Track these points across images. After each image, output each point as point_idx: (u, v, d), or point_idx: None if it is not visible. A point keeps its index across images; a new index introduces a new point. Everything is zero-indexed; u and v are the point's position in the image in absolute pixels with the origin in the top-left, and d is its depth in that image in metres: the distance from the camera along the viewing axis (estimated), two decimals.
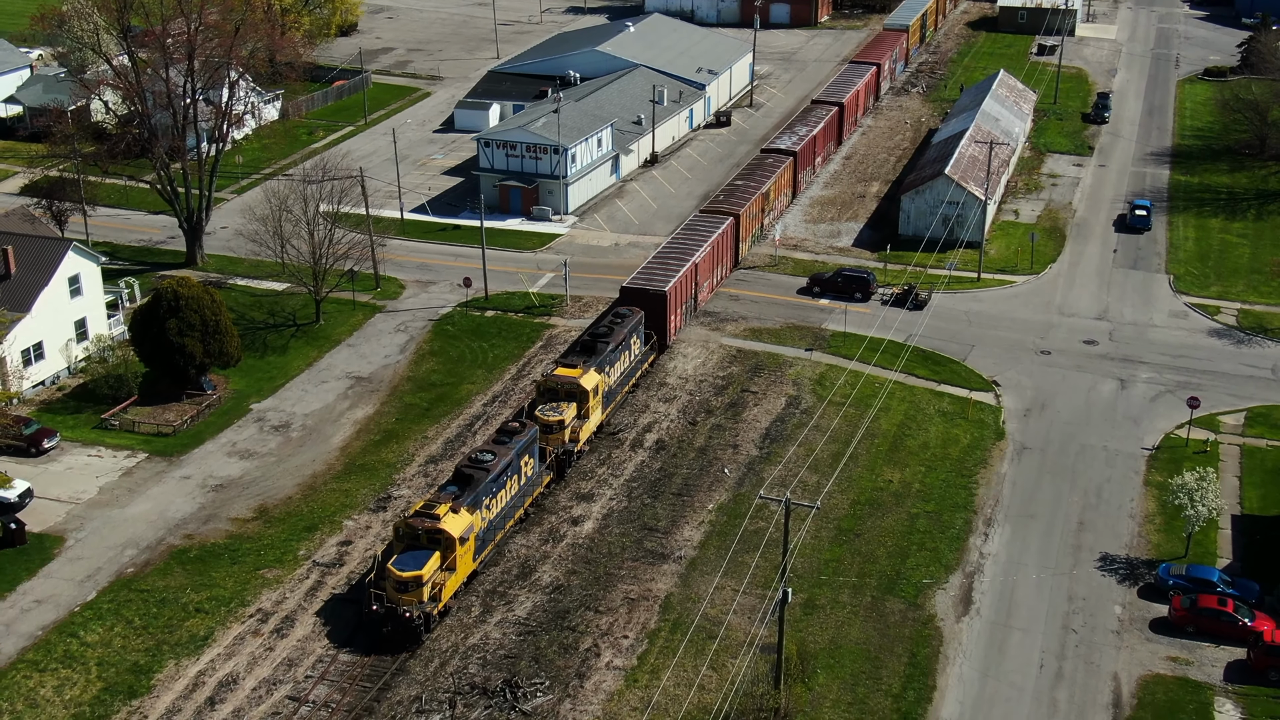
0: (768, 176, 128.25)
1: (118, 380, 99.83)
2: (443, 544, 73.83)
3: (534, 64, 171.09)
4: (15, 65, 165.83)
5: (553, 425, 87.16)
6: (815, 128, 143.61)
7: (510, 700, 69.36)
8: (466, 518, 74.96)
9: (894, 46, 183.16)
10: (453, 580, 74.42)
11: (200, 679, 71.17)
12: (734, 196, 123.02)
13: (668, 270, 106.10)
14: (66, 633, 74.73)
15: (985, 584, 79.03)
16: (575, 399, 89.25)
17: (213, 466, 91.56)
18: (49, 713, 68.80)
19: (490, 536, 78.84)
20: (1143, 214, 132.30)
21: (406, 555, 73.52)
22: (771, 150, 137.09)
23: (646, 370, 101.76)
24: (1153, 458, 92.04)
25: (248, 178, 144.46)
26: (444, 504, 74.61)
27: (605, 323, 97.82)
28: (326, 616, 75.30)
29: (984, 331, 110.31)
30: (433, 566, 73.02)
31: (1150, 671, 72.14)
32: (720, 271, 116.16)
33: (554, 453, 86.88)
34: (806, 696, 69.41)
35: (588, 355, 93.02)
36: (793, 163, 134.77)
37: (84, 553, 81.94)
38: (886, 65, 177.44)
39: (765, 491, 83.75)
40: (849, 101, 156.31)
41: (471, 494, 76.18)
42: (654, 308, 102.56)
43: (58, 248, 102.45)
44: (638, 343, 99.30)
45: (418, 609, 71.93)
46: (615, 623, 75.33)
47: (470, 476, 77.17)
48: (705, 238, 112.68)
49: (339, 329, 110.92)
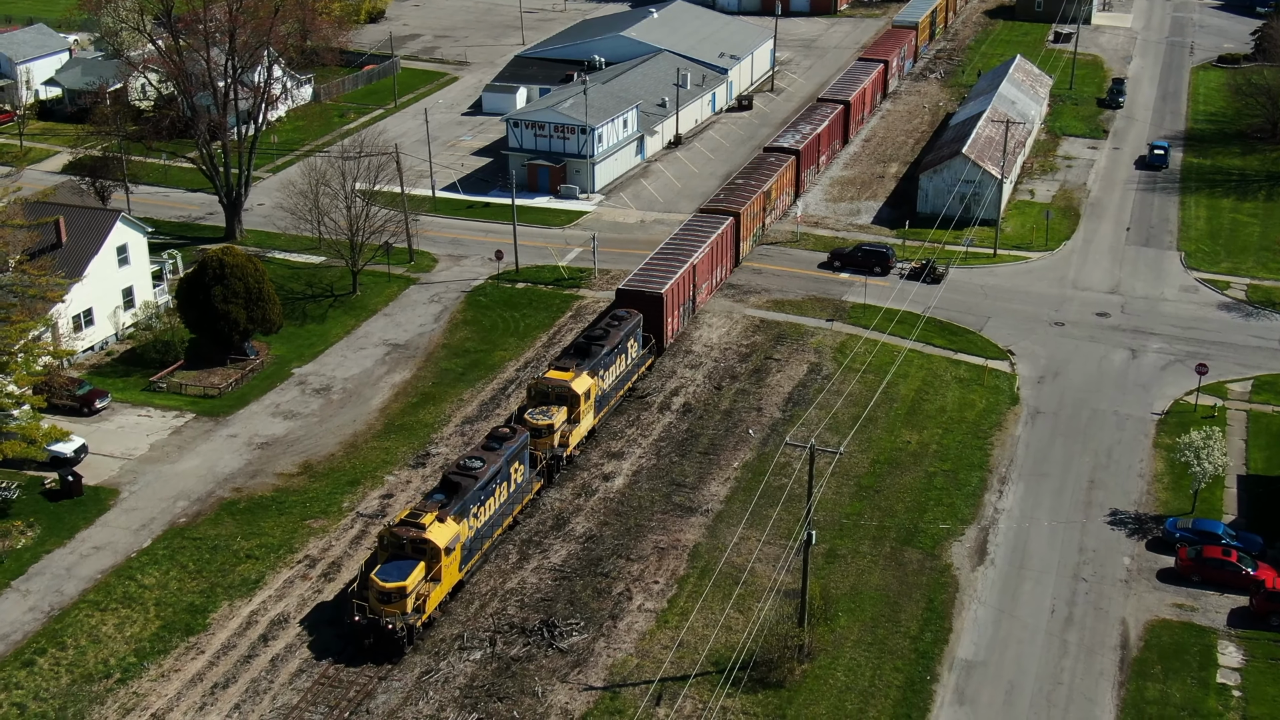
0: (769, 175, 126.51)
1: (165, 345, 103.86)
2: (428, 554, 71.79)
3: (559, 49, 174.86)
4: (54, 49, 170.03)
5: (541, 429, 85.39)
6: (819, 126, 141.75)
7: (548, 638, 73.10)
8: (453, 527, 73.15)
9: (903, 43, 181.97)
10: (438, 591, 72.51)
11: (253, 618, 75.05)
12: (734, 195, 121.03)
13: (665, 271, 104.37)
14: (125, 576, 78.65)
15: (999, 536, 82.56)
16: (566, 403, 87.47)
17: (258, 426, 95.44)
18: (111, 648, 72.72)
19: (477, 546, 76.97)
20: (1160, 153, 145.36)
21: (390, 565, 71.60)
22: (774, 149, 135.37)
23: (644, 373, 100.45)
24: (1162, 422, 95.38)
25: (283, 157, 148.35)
26: (430, 513, 72.73)
27: (601, 325, 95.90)
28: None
29: (1000, 304, 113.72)
30: (417, 577, 71.13)
31: (1157, 616, 75.58)
32: (720, 272, 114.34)
33: (543, 458, 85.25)
34: (829, 636, 73.04)
35: (581, 358, 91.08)
36: (795, 161, 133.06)
37: (138, 504, 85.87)
38: (895, 62, 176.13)
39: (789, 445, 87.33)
40: (855, 99, 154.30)
41: (459, 502, 74.20)
42: (651, 310, 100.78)
43: (107, 218, 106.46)
44: (635, 345, 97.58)
45: (401, 620, 70.19)
46: (646, 569, 79.06)
47: (457, 484, 75.32)
48: (704, 238, 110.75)
49: (375, 299, 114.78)
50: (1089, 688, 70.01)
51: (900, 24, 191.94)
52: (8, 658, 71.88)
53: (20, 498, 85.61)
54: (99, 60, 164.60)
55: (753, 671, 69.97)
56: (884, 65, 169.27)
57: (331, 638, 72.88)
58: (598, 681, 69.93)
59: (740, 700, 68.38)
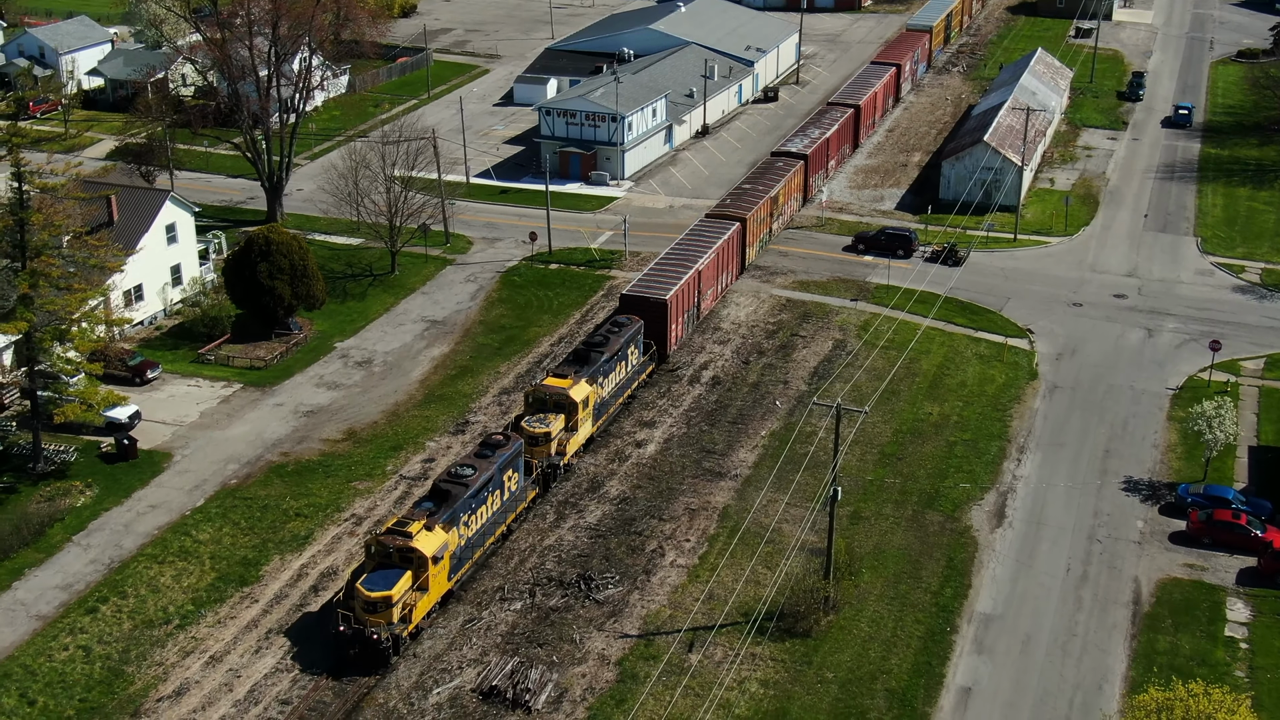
0: (777, 180, 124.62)
1: (212, 321, 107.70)
2: (415, 563, 70.43)
3: (589, 41, 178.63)
4: (97, 40, 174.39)
5: (538, 437, 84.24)
6: (829, 130, 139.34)
7: (584, 591, 76.67)
8: (441, 536, 71.87)
9: (916, 47, 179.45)
10: (425, 601, 71.38)
11: (304, 570, 78.82)
12: (741, 200, 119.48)
13: (669, 278, 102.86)
14: (180, 532, 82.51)
15: (1018, 500, 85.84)
16: (564, 410, 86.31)
17: (303, 396, 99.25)
18: (169, 596, 76.55)
19: (468, 555, 75.71)
20: (1184, 112, 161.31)
21: (377, 574, 70.31)
22: (782, 153, 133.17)
23: (645, 380, 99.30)
24: (1176, 396, 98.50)
25: (320, 145, 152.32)
26: (418, 521, 71.30)
27: (601, 332, 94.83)
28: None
29: (1019, 286, 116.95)
30: (403, 586, 69.80)
31: (1168, 575, 78.79)
32: (725, 279, 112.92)
33: (539, 466, 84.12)
34: (853, 591, 76.46)
35: (580, 365, 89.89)
36: (804, 166, 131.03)
37: (190, 466, 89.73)
38: (907, 66, 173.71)
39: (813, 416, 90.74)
40: (865, 104, 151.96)
41: (448, 510, 72.92)
42: (654, 317, 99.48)
43: (157, 197, 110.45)
44: (635, 353, 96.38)
45: (386, 630, 69.18)
46: (678, 529, 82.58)
47: (447, 492, 74.11)
48: (710, 244, 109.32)
49: (413, 279, 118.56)
50: (1102, 639, 73.23)
51: (914, 27, 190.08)
52: (72, 605, 75.72)
53: (78, 460, 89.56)
54: (140, 51, 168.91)
55: (780, 622, 73.34)
56: (896, 69, 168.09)
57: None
58: (632, 630, 73.43)
59: (768, 648, 71.81)
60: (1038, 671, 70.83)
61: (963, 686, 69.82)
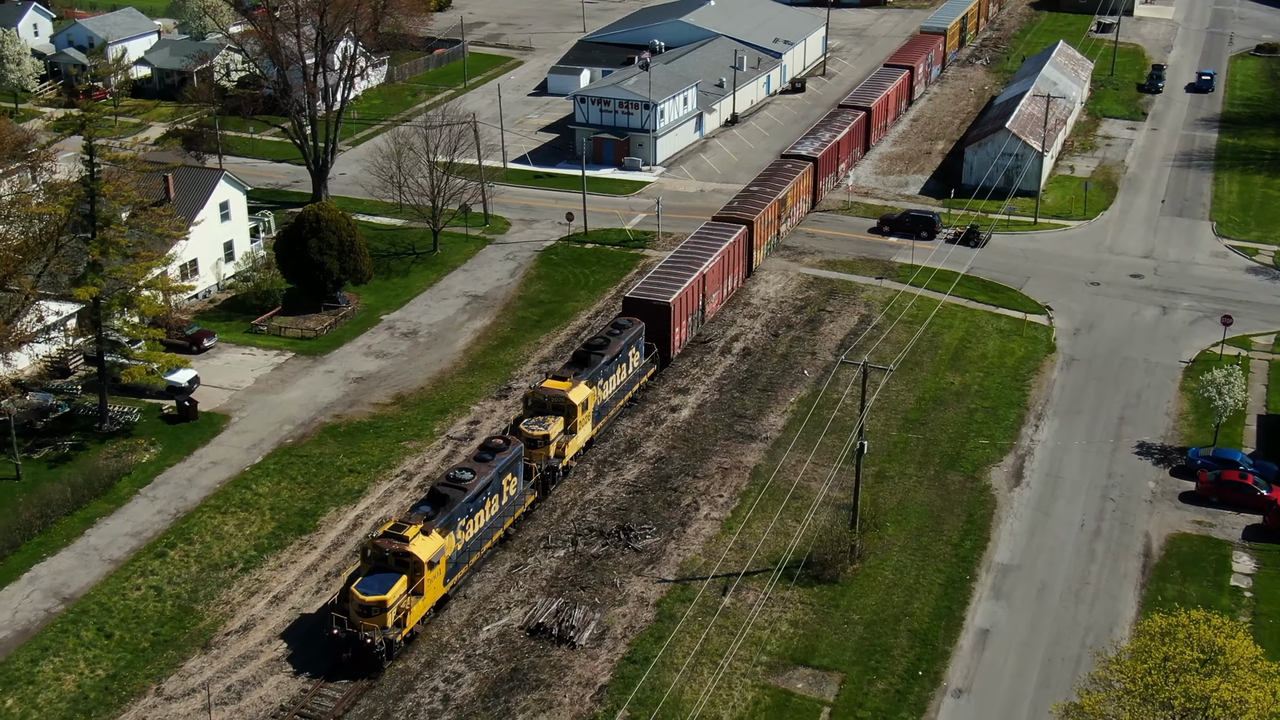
0: (785, 183, 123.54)
1: (264, 294, 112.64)
2: (410, 567, 70.20)
3: (621, 34, 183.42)
4: (144, 31, 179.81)
5: (537, 440, 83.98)
6: (839, 133, 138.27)
7: (624, 540, 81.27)
8: (438, 540, 71.51)
9: (930, 50, 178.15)
10: (420, 605, 71.01)
11: (358, 521, 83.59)
12: (748, 203, 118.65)
13: (673, 281, 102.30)
14: (241, 485, 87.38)
15: (1035, 462, 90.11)
16: (563, 413, 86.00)
17: (352, 364, 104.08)
18: (233, 543, 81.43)
19: (465, 559, 75.33)
20: (1207, 78, 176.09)
21: (372, 578, 70.05)
22: (791, 155, 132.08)
23: (646, 384, 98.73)
24: (1189, 369, 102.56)
25: (361, 132, 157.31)
26: (414, 525, 71.11)
27: (602, 334, 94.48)
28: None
29: (1039, 266, 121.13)
30: (398, 591, 69.55)
31: (1177, 530, 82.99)
32: (731, 282, 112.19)
33: (538, 469, 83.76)
34: (878, 542, 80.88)
35: (580, 367, 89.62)
36: (813, 169, 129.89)
37: (248, 427, 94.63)
38: (920, 69, 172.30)
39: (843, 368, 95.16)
40: (877, 106, 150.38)
41: (445, 515, 72.62)
42: (656, 320, 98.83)
43: (211, 176, 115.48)
44: (637, 355, 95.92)
45: (380, 635, 68.90)
46: (711, 485, 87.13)
47: (445, 496, 73.76)
48: (715, 247, 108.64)
49: (455, 257, 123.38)
50: (1113, 588, 77.49)
51: (929, 30, 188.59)
52: (142, 550, 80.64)
53: (141, 421, 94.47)
54: (186, 42, 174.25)
55: (808, 569, 77.86)
56: (909, 71, 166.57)
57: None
58: (669, 575, 78.01)
59: (797, 592, 76.28)
60: (1052, 615, 75.09)
61: (981, 628, 74.15)
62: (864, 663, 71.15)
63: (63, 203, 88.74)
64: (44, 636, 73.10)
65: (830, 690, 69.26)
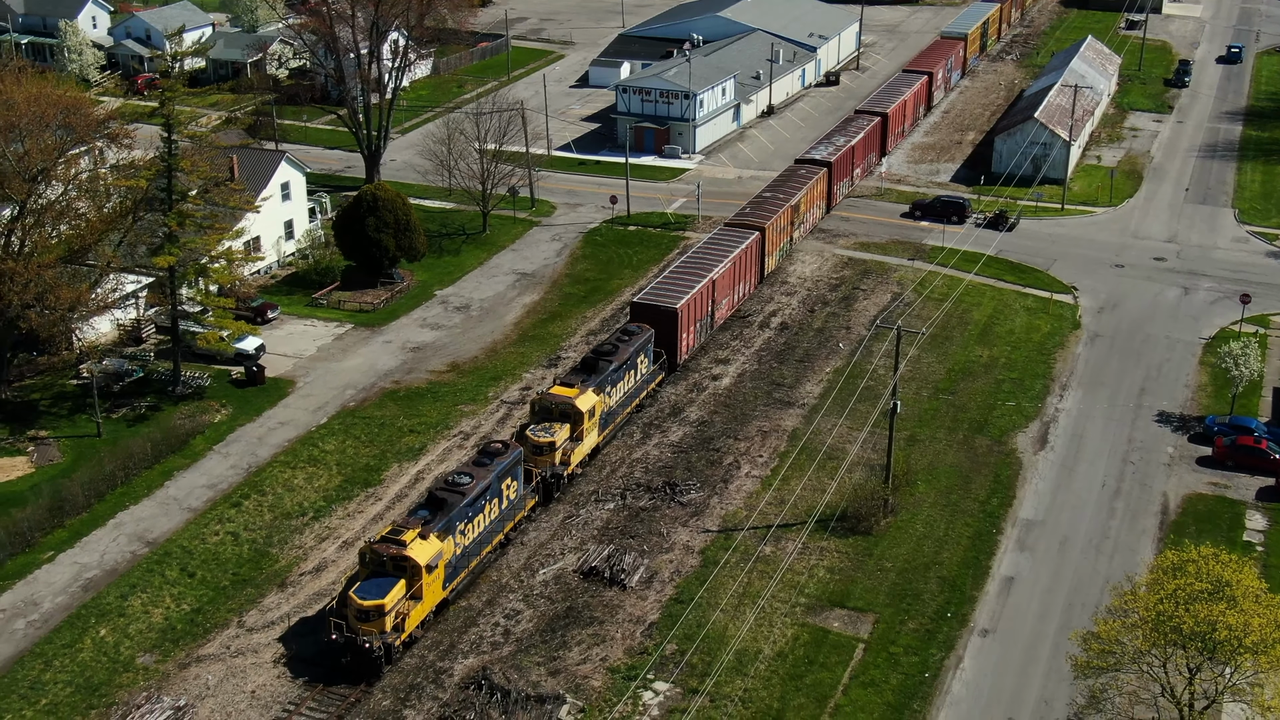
0: (799, 188, 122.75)
1: (323, 270, 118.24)
2: (409, 572, 70.03)
3: (660, 28, 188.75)
4: (199, 24, 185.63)
5: (543, 446, 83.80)
6: (854, 138, 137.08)
7: (670, 495, 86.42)
8: (436, 544, 71.20)
9: (949, 55, 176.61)
10: (418, 610, 70.96)
11: (420, 476, 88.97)
12: (761, 208, 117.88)
13: (683, 286, 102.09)
14: (308, 444, 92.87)
15: (1059, 429, 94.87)
16: (569, 420, 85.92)
17: (409, 335, 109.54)
18: (303, 494, 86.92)
19: (464, 564, 75.09)
20: (1236, 50, 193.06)
21: (370, 582, 69.78)
22: (806, 160, 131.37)
23: (654, 390, 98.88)
24: (1208, 345, 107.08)
25: (409, 121, 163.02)
26: (412, 529, 70.83)
27: (610, 341, 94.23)
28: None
29: (1065, 249, 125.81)
30: (396, 595, 69.37)
31: (1194, 491, 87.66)
32: (743, 288, 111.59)
33: (541, 475, 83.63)
34: (909, 498, 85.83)
35: (588, 374, 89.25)
36: (827, 174, 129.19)
37: (312, 391, 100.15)
38: (940, 74, 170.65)
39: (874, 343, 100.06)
40: (893, 112, 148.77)
41: (444, 519, 72.37)
42: (665, 326, 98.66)
43: (274, 158, 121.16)
44: (645, 362, 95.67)
45: (379, 639, 68.74)
46: (751, 446, 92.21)
47: (443, 500, 73.52)
48: (728, 252, 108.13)
49: (503, 238, 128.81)
50: (1132, 541, 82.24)
51: (949, 35, 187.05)
52: (218, 500, 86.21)
53: (212, 385, 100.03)
54: (239, 34, 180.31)
55: (844, 522, 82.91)
56: (928, 77, 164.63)
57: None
58: (713, 526, 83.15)
59: (833, 542, 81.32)
60: (1073, 566, 79.91)
61: (1006, 576, 79.04)
62: (896, 605, 76.12)
63: (143, 176, 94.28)
64: (131, 575, 78.64)
65: (865, 629, 74.26)
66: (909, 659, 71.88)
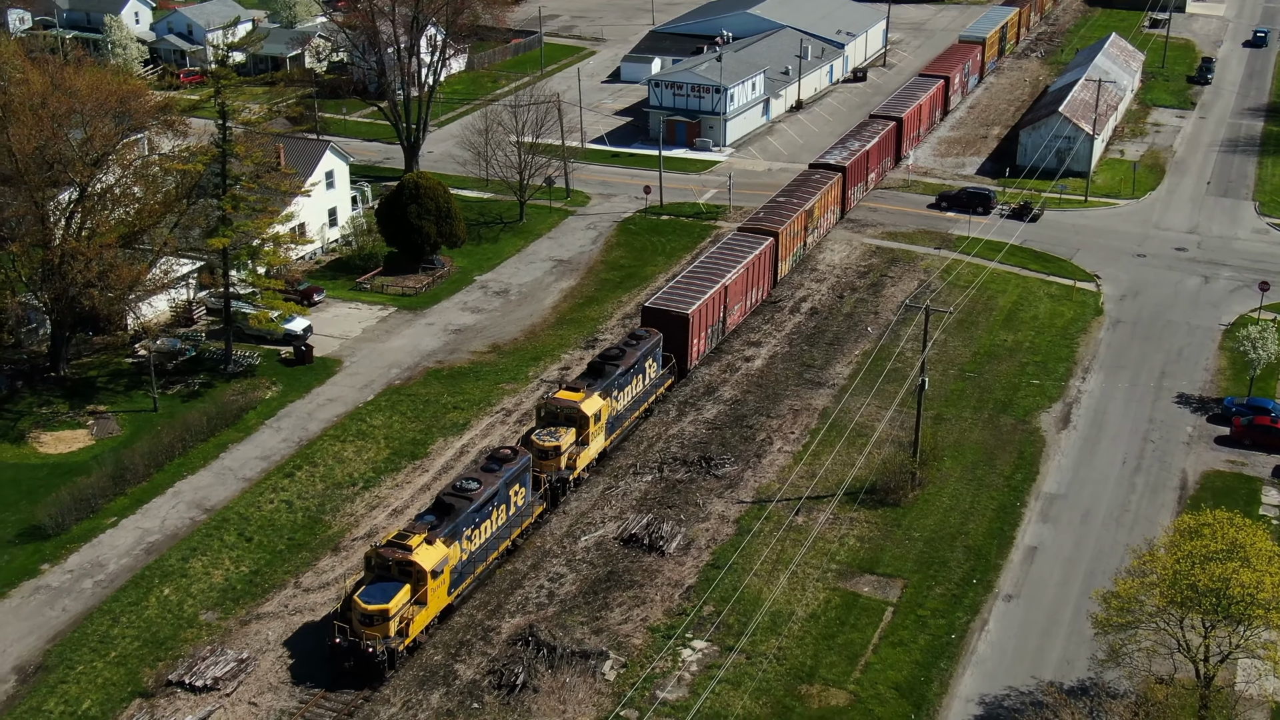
0: (812, 193, 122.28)
1: (367, 256, 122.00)
2: (414, 576, 69.45)
3: (691, 24, 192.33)
4: (239, 20, 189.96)
5: (548, 451, 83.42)
6: (869, 143, 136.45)
7: (705, 468, 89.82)
8: (442, 549, 70.68)
9: (967, 59, 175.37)
10: (423, 615, 70.46)
11: (464, 449, 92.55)
12: (774, 214, 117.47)
13: (695, 291, 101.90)
14: (357, 419, 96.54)
15: (1081, 409, 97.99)
16: (575, 424, 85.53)
17: (450, 317, 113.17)
18: (353, 466, 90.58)
19: (470, 570, 74.56)
20: (1262, 35, 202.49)
21: (374, 587, 69.29)
22: (820, 165, 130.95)
23: (663, 395, 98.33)
24: (1227, 331, 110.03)
25: (445, 115, 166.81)
26: (418, 534, 70.21)
27: (618, 345, 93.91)
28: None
29: (1089, 239, 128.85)
30: (401, 600, 68.75)
31: (1212, 468, 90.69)
32: (755, 294, 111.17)
33: (548, 480, 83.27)
34: (936, 473, 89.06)
35: (594, 378, 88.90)
36: (841, 179, 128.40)
37: (359, 370, 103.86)
38: (957, 79, 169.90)
39: (902, 327, 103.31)
40: (909, 116, 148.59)
41: (450, 524, 71.88)
42: (674, 331, 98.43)
43: (319, 147, 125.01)
44: (653, 366, 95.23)
45: (382, 644, 68.34)
46: (783, 424, 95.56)
47: (450, 506, 72.99)
48: (740, 258, 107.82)
49: (540, 226, 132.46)
50: (1151, 514, 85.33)
51: (967, 39, 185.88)
52: (272, 471, 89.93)
53: (261, 364, 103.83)
54: (278, 30, 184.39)
55: (873, 495, 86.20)
56: (944, 81, 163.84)
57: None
58: (747, 498, 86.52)
59: (863, 513, 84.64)
60: (1094, 537, 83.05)
61: (1030, 546, 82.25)
62: (924, 571, 79.40)
63: (200, 160, 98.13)
64: (191, 539, 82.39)
65: (894, 593, 77.57)
66: (936, 621, 75.12)
